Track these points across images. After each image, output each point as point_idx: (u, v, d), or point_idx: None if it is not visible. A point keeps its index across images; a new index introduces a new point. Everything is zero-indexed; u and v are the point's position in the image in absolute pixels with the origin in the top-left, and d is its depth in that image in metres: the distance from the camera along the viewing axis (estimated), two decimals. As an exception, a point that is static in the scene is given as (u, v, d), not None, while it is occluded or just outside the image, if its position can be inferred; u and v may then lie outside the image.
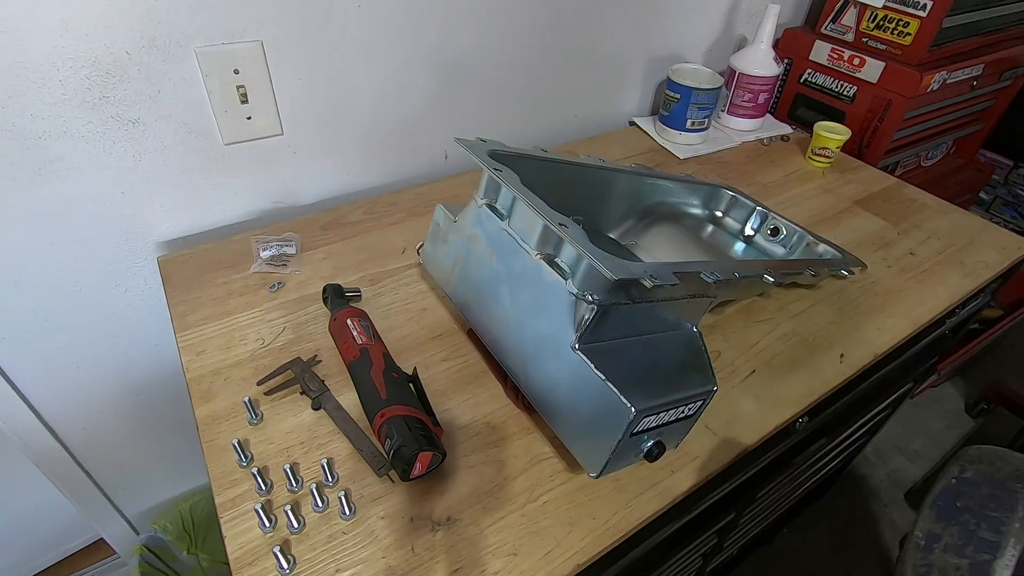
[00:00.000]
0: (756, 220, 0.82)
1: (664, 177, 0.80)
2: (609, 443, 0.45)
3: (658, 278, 0.44)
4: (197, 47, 0.66)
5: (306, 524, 0.47)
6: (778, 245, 0.80)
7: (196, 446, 0.53)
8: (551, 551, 0.47)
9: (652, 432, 0.46)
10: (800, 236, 0.78)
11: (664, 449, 0.47)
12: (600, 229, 0.77)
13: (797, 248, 0.78)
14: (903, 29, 1.02)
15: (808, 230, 0.78)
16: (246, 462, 0.51)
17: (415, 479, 0.49)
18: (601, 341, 0.48)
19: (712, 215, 0.86)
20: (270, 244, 0.73)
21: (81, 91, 0.62)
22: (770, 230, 0.81)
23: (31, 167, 0.64)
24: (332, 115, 0.80)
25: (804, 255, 0.77)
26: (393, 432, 0.48)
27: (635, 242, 0.78)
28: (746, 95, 1.07)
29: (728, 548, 0.97)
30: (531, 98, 0.98)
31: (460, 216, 0.60)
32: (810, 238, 0.77)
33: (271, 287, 0.69)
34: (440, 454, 0.49)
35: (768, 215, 0.81)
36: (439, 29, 0.81)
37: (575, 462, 0.52)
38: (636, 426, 0.43)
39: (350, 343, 0.57)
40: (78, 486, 0.93)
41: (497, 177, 0.53)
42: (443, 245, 0.63)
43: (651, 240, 0.79)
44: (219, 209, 0.79)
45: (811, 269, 0.67)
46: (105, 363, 0.83)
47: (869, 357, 0.66)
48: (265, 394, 0.56)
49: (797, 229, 0.78)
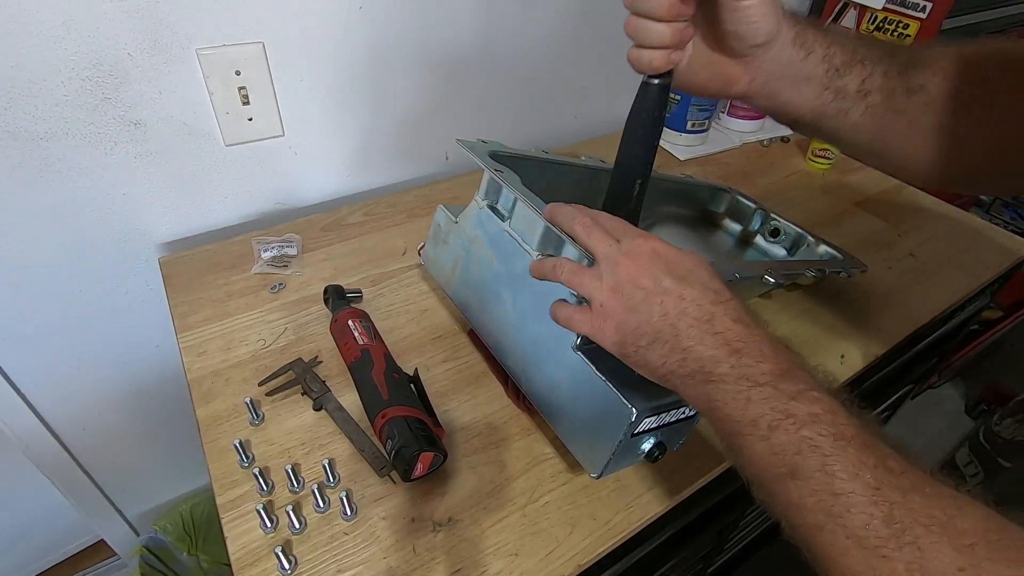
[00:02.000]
0: (756, 221, 0.82)
1: (664, 178, 0.80)
2: (610, 444, 0.45)
3: None
4: (199, 48, 0.66)
5: (307, 525, 0.47)
6: (778, 246, 0.80)
7: (197, 447, 0.53)
8: (552, 552, 0.47)
9: (653, 433, 0.46)
10: (800, 237, 0.78)
11: (665, 450, 0.47)
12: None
13: (797, 249, 0.78)
14: (903, 31, 1.02)
15: (808, 231, 0.78)
16: (247, 463, 0.51)
17: (416, 480, 0.49)
18: None
19: (712, 216, 0.86)
20: (271, 245, 0.73)
21: (83, 93, 0.62)
22: (770, 231, 0.81)
23: (33, 168, 0.64)
24: (333, 116, 0.80)
25: (804, 256, 0.77)
26: (394, 433, 0.48)
27: None
28: (746, 96, 1.07)
29: (729, 549, 0.97)
30: (531, 99, 0.98)
31: (461, 217, 0.60)
32: (810, 239, 0.77)
33: (272, 288, 0.69)
34: (441, 455, 0.49)
35: (768, 216, 0.81)
36: (440, 30, 0.81)
37: (576, 463, 0.52)
38: (637, 427, 0.43)
39: (351, 344, 0.57)
40: (78, 487, 0.93)
41: (498, 178, 0.53)
42: (444, 246, 0.63)
43: None
44: (220, 210, 0.79)
45: (812, 270, 0.67)
46: (106, 364, 0.83)
47: (869, 358, 0.66)
48: (266, 395, 0.56)
49: (797, 230, 0.78)
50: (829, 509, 0.28)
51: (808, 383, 0.33)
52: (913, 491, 0.27)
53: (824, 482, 0.29)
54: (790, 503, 0.30)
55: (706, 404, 0.35)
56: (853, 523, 0.28)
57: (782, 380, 0.33)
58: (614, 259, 0.39)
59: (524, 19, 0.87)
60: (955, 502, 0.27)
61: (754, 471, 0.33)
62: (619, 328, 0.38)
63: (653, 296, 0.37)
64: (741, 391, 0.33)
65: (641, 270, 0.38)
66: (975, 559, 0.24)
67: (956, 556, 0.25)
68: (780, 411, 0.32)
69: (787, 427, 0.31)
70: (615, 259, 0.39)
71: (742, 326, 0.36)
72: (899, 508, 0.27)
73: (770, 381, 0.33)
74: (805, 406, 0.31)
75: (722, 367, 0.34)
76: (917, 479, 0.28)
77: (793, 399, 0.32)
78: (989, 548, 0.25)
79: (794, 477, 0.30)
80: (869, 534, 0.27)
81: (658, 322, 0.36)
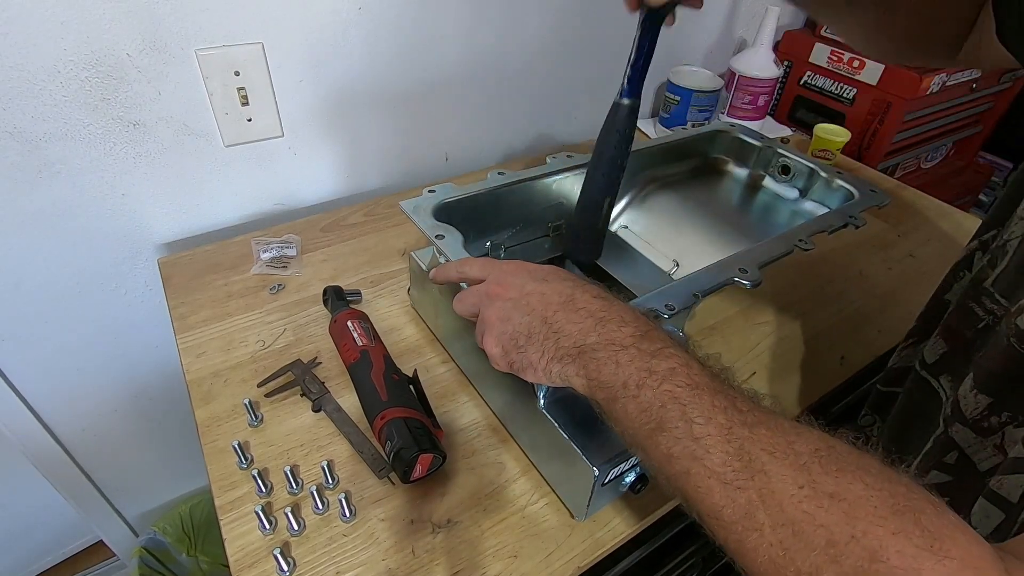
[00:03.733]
0: (763, 160, 0.76)
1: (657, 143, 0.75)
2: (584, 494, 0.46)
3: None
4: (198, 49, 0.66)
5: (306, 526, 0.47)
6: (790, 186, 0.75)
7: (196, 448, 0.53)
8: (551, 553, 0.47)
9: (632, 469, 0.47)
10: (813, 173, 0.72)
11: (647, 481, 0.48)
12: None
13: (812, 187, 0.73)
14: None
15: (820, 165, 0.72)
16: (246, 464, 0.51)
17: (415, 481, 0.49)
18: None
19: (714, 164, 0.80)
20: (270, 246, 0.73)
21: (82, 93, 0.62)
22: (779, 169, 0.75)
23: (32, 169, 0.64)
24: (332, 117, 0.80)
25: (820, 195, 0.73)
26: (393, 434, 0.48)
27: (625, 226, 0.76)
28: (746, 97, 1.07)
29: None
30: (528, 101, 0.98)
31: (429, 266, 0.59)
32: (823, 174, 0.71)
33: (271, 289, 0.69)
34: (440, 456, 0.49)
35: (776, 153, 0.75)
36: (438, 32, 0.81)
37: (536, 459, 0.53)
38: (605, 478, 0.44)
39: (350, 345, 0.57)
40: (77, 488, 0.93)
41: (438, 246, 0.52)
42: (423, 291, 0.63)
43: (643, 218, 0.76)
44: (219, 211, 0.79)
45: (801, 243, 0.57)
46: (105, 365, 0.83)
47: (869, 359, 0.66)
48: (265, 396, 0.56)
49: (808, 165, 0.72)
50: (692, 453, 0.31)
51: (665, 342, 0.36)
52: (759, 425, 0.30)
53: (686, 430, 0.31)
54: (661, 456, 0.32)
55: (585, 380, 0.37)
56: (713, 462, 0.30)
57: (642, 341, 0.36)
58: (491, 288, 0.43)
59: (522, 22, 0.87)
60: (794, 429, 0.30)
61: (630, 432, 0.35)
62: (498, 340, 0.41)
63: (519, 301, 0.40)
64: (610, 356, 0.35)
65: (506, 287, 0.42)
66: (811, 476, 0.28)
67: (796, 475, 0.28)
68: (644, 369, 0.34)
69: (651, 384, 0.33)
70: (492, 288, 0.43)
71: (602, 300, 0.39)
72: (748, 442, 0.30)
73: (633, 343, 0.35)
74: (664, 362, 0.34)
75: (591, 337, 0.37)
76: (762, 415, 0.31)
77: (653, 357, 0.34)
78: (821, 464, 0.28)
79: (662, 430, 0.32)
80: (726, 470, 0.29)
81: (528, 319, 0.40)
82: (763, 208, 0.79)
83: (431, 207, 0.57)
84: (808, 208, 0.75)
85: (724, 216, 0.78)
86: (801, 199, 0.75)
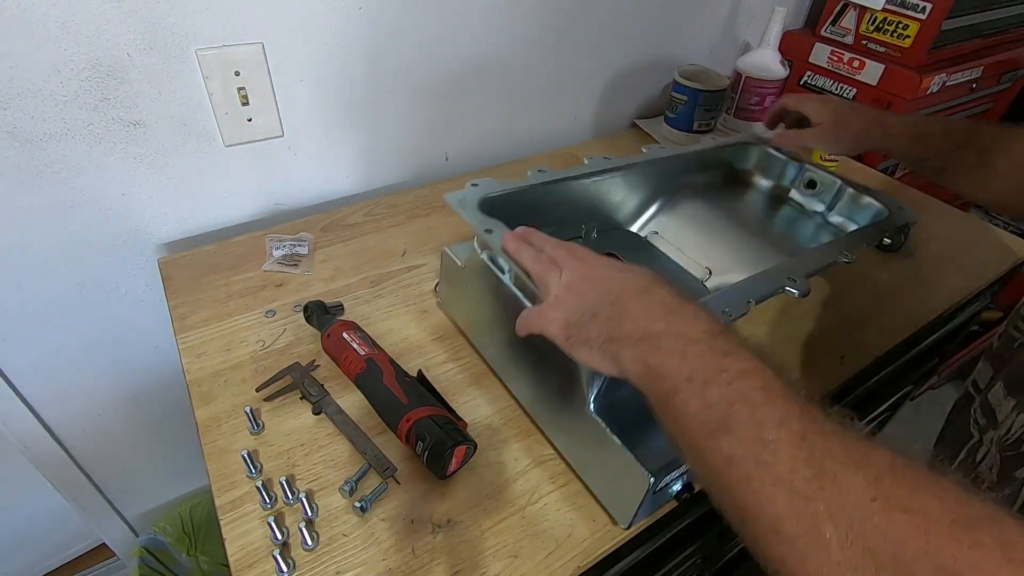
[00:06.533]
0: (790, 173, 0.77)
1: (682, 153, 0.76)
2: (634, 502, 0.45)
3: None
4: (198, 49, 0.66)
5: (319, 541, 0.47)
6: (816, 200, 0.75)
7: (196, 448, 0.53)
8: (551, 553, 0.47)
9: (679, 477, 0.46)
10: (840, 188, 0.72)
11: (693, 489, 0.47)
12: (621, 225, 0.76)
13: (838, 202, 0.73)
14: (903, 31, 1.02)
15: (847, 180, 0.72)
16: (255, 473, 0.51)
17: (452, 475, 0.50)
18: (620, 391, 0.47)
19: (740, 175, 0.80)
20: (283, 243, 0.73)
21: (82, 93, 0.62)
22: (806, 183, 0.75)
23: (32, 169, 0.64)
24: (332, 117, 0.80)
25: (846, 210, 0.73)
26: (424, 433, 0.48)
27: (655, 232, 0.76)
28: (753, 98, 1.06)
29: (729, 550, 0.97)
30: (532, 101, 0.98)
31: (466, 262, 0.58)
32: (850, 190, 0.71)
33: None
34: (472, 445, 0.50)
35: (803, 167, 0.76)
36: (439, 31, 0.81)
37: (576, 463, 0.52)
38: (659, 485, 0.44)
39: (352, 356, 0.56)
40: (77, 488, 0.93)
41: (488, 241, 0.51)
42: (457, 289, 0.62)
43: (673, 224, 0.75)
44: (219, 211, 0.79)
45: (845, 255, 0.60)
46: (105, 365, 0.83)
47: (869, 359, 0.66)
48: (264, 400, 0.56)
49: (835, 180, 0.73)
50: (758, 457, 0.29)
51: (739, 343, 0.34)
52: (832, 436, 0.29)
53: (754, 432, 0.30)
54: (721, 458, 0.31)
55: (643, 367, 0.36)
56: (780, 469, 0.29)
57: (715, 338, 0.34)
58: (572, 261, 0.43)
59: (525, 21, 0.87)
60: (868, 443, 0.29)
61: (686, 430, 0.33)
62: (566, 315, 0.40)
63: (597, 281, 0.40)
64: (677, 347, 0.34)
65: (588, 265, 0.42)
66: (883, 489, 0.26)
67: (868, 487, 0.27)
68: (714, 366, 0.33)
69: (720, 381, 0.32)
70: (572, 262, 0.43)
71: (677, 298, 0.38)
72: (820, 450, 0.28)
73: (704, 339, 0.34)
74: (737, 363, 0.33)
75: (658, 325, 0.36)
76: (835, 426, 0.30)
77: (726, 355, 0.33)
78: (895, 479, 0.27)
79: (726, 430, 0.31)
80: (795, 477, 0.28)
81: (599, 299, 0.39)
82: (789, 220, 0.79)
83: (476, 200, 0.56)
84: (835, 222, 0.75)
85: (751, 226, 0.78)
86: (828, 212, 0.75)
